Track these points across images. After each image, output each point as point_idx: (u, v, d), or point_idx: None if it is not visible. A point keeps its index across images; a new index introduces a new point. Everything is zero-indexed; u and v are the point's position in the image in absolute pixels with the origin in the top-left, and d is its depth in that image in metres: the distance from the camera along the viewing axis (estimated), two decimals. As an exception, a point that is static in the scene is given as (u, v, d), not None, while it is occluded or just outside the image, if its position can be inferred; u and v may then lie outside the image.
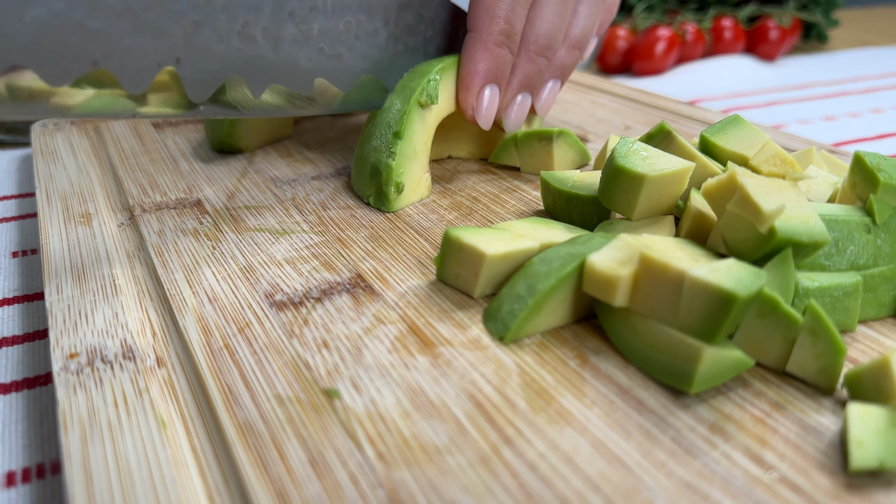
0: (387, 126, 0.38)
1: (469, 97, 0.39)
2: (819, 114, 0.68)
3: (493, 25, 0.39)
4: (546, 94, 0.43)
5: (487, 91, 0.40)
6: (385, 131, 0.38)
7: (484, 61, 0.39)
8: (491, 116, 0.40)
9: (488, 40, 0.39)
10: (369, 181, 0.38)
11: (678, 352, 0.24)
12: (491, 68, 0.39)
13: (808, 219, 0.26)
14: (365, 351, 0.26)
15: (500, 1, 0.39)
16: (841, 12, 1.25)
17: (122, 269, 0.32)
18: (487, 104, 0.40)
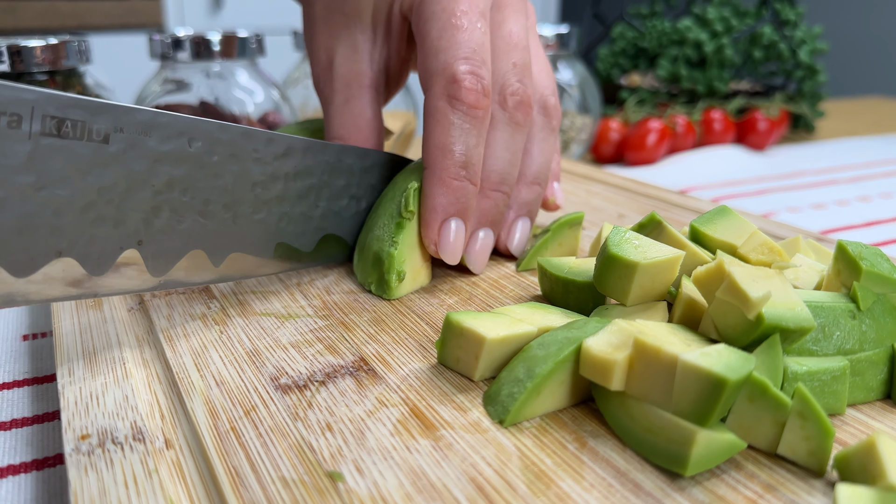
0: (389, 216, 0.39)
1: (430, 233, 0.39)
2: (808, 202, 0.71)
3: (448, 159, 0.38)
4: (518, 234, 0.43)
5: (452, 225, 0.39)
6: (388, 221, 0.39)
7: (442, 195, 0.38)
8: (456, 251, 0.39)
9: (444, 175, 0.38)
10: (371, 269, 0.39)
11: (673, 435, 0.25)
12: (451, 201, 0.39)
13: (795, 305, 0.27)
14: (368, 434, 0.27)
15: (452, 136, 0.38)
16: (827, 103, 1.30)
17: (132, 353, 0.33)
18: (452, 239, 0.39)
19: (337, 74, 0.43)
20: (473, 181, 0.39)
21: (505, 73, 0.40)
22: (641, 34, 1.05)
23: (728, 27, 0.99)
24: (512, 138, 0.41)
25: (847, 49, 2.20)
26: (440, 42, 0.38)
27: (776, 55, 1.01)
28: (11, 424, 0.32)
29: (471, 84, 0.38)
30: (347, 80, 0.43)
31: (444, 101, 0.38)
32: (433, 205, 0.39)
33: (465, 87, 0.38)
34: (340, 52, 0.43)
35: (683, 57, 0.98)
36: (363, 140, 0.43)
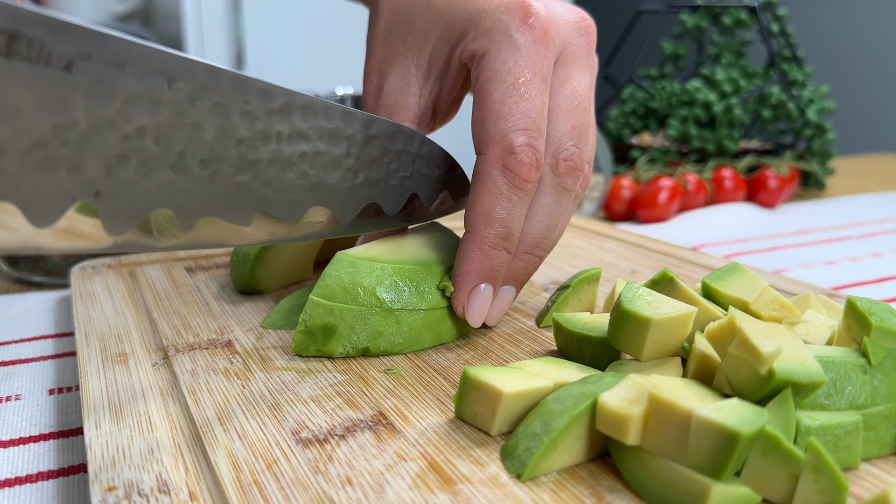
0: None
1: (461, 297, 0.39)
2: (820, 258, 0.71)
3: (491, 229, 0.38)
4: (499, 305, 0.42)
5: (482, 290, 0.39)
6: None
7: (479, 262, 0.39)
8: (482, 316, 0.40)
9: (484, 243, 0.38)
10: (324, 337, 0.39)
11: (688, 489, 0.26)
12: (486, 269, 0.39)
13: (805, 360, 0.28)
14: (387, 487, 0.28)
15: (499, 206, 0.38)
16: (837, 161, 1.31)
17: (156, 407, 0.34)
18: (480, 304, 0.39)
19: (384, 102, 0.43)
20: (511, 251, 0.39)
21: (562, 136, 0.40)
22: (651, 95, 1.07)
23: (736, 88, 1.01)
24: (557, 203, 0.40)
25: (855, 107, 2.23)
26: (502, 107, 0.38)
27: (785, 115, 1.03)
28: (38, 477, 0.33)
29: (526, 157, 0.37)
30: (393, 110, 0.42)
31: (497, 169, 0.37)
32: (468, 270, 0.39)
33: (521, 161, 0.37)
34: (391, 81, 0.43)
35: (693, 117, 1.00)
36: None
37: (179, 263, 0.56)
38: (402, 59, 0.43)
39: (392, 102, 0.42)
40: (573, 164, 0.40)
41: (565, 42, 0.40)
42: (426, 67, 0.42)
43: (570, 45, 0.41)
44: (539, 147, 0.38)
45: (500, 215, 0.38)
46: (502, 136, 0.37)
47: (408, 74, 0.42)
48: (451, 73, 0.42)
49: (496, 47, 0.38)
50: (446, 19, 0.41)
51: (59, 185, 0.25)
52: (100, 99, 0.25)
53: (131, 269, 0.54)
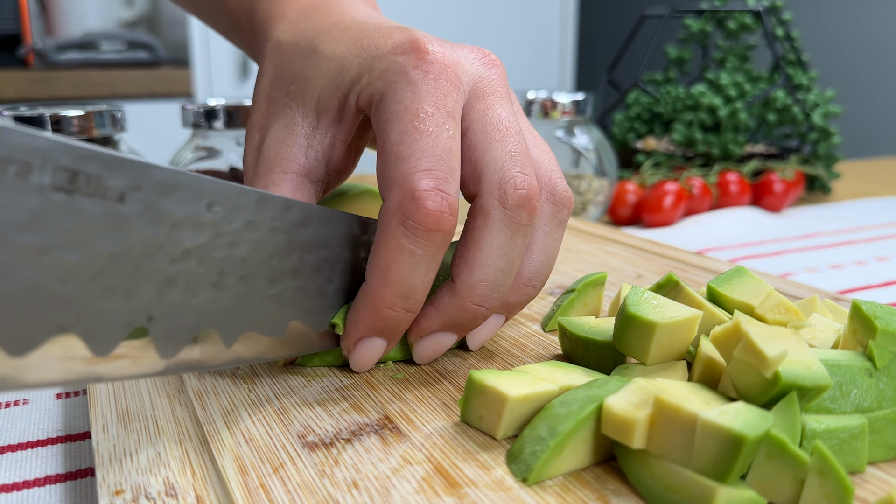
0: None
1: (347, 343, 0.36)
2: (826, 262, 0.71)
3: (386, 287, 0.34)
4: (484, 331, 0.39)
5: (373, 343, 0.36)
6: None
7: (369, 318, 0.35)
8: (367, 366, 0.37)
9: (377, 301, 0.34)
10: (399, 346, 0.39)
11: (694, 492, 0.26)
12: (378, 326, 0.35)
13: (811, 364, 0.28)
14: (393, 491, 0.28)
15: (397, 263, 0.33)
16: (842, 165, 1.31)
17: (163, 411, 0.34)
18: (365, 354, 0.36)
19: (264, 155, 0.38)
20: (413, 309, 0.35)
21: (502, 165, 0.35)
22: (656, 100, 1.07)
23: (741, 92, 1.01)
24: (511, 242, 0.35)
25: (861, 111, 2.23)
26: (400, 148, 0.33)
27: (790, 119, 1.03)
28: (46, 481, 0.33)
29: (432, 204, 0.32)
30: (272, 163, 0.38)
31: (396, 219, 0.32)
32: (357, 321, 0.35)
33: (425, 209, 0.32)
34: (273, 133, 0.39)
35: (698, 121, 1.00)
36: None
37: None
38: (285, 109, 0.39)
39: (273, 154, 0.38)
40: (525, 194, 0.34)
41: (474, 77, 0.37)
42: (314, 116, 0.38)
43: (481, 78, 0.37)
44: (449, 189, 0.33)
45: (398, 273, 0.33)
46: (402, 179, 0.33)
47: (292, 124, 0.39)
48: (347, 119, 0.38)
49: (392, 88, 0.35)
50: (335, 65, 0.38)
51: (117, 312, 0.26)
52: (150, 226, 0.27)
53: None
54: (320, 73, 0.38)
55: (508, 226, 0.35)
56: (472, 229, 0.35)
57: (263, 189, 0.38)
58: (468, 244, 0.35)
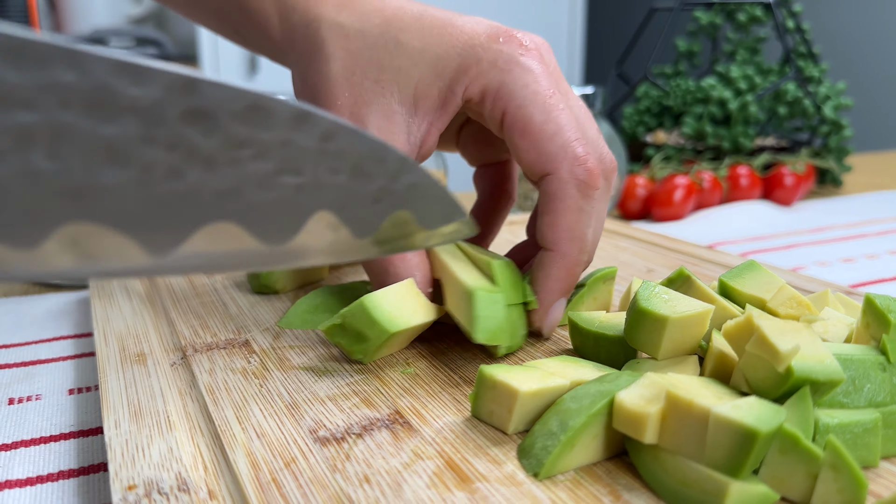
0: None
1: (543, 313, 0.40)
2: (837, 256, 0.71)
3: (576, 247, 0.39)
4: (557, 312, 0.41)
5: (560, 305, 0.40)
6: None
7: (564, 280, 0.39)
8: (554, 326, 0.41)
9: (570, 262, 0.39)
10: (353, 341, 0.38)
11: (706, 487, 0.26)
12: (569, 286, 0.40)
13: (824, 358, 0.28)
14: (404, 486, 0.28)
15: (581, 223, 0.38)
16: (854, 158, 1.30)
17: (175, 406, 0.34)
18: (556, 316, 0.40)
19: None
20: (588, 263, 0.40)
21: (595, 141, 0.40)
22: (666, 93, 1.06)
23: (752, 85, 1.01)
24: (605, 208, 0.41)
25: (873, 103, 2.21)
26: (549, 125, 0.38)
27: (801, 111, 1.02)
28: (59, 476, 0.33)
29: (593, 165, 0.38)
30: None
31: (572, 184, 0.38)
32: (554, 288, 0.39)
33: (590, 170, 0.38)
34: (374, 121, 0.40)
35: (708, 115, 0.99)
36: None
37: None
38: (378, 98, 0.40)
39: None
40: (613, 167, 0.40)
41: (549, 60, 0.41)
42: (411, 104, 0.40)
43: (551, 62, 0.41)
44: (593, 153, 0.39)
45: (582, 231, 0.39)
46: (565, 150, 0.38)
47: (390, 113, 0.40)
48: (448, 108, 0.41)
49: (510, 76, 0.39)
50: (430, 55, 0.40)
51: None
52: None
53: (149, 269, 0.54)
54: (414, 62, 0.40)
55: (606, 192, 0.40)
56: (555, 201, 0.39)
57: None
58: (558, 216, 0.39)
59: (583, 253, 0.39)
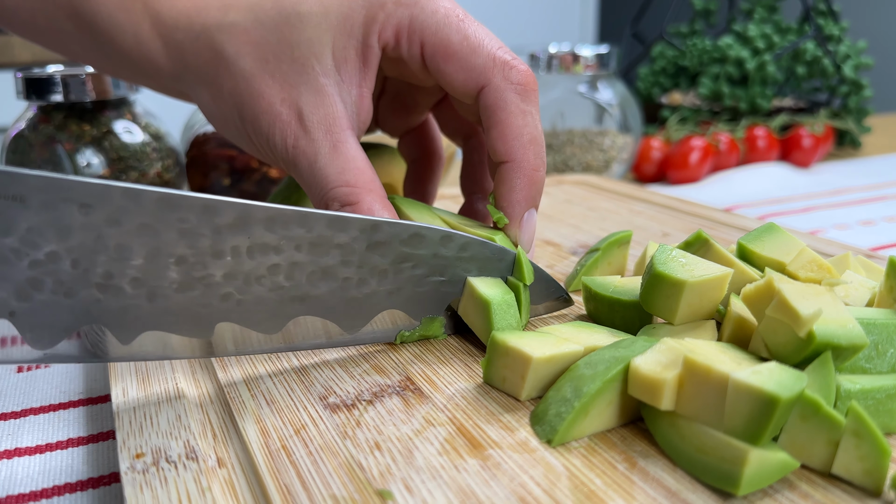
0: None
1: (515, 227, 0.39)
2: (856, 218, 0.69)
3: (531, 151, 0.38)
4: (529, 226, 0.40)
5: (533, 216, 0.39)
6: None
7: (527, 188, 0.38)
8: (532, 240, 0.39)
9: (528, 168, 0.38)
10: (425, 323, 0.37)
11: (724, 454, 0.25)
12: (533, 194, 0.39)
13: (846, 322, 0.27)
14: (416, 453, 0.27)
15: (529, 126, 0.38)
16: (873, 119, 1.28)
17: (183, 374, 0.34)
18: (531, 228, 0.39)
19: (312, 123, 0.37)
20: (544, 165, 0.39)
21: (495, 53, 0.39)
22: (682, 53, 1.04)
23: (770, 44, 0.98)
24: (533, 111, 0.39)
25: (893, 63, 2.17)
26: (468, 41, 0.38)
27: (820, 71, 1.00)
28: (68, 444, 0.33)
29: (524, 67, 0.38)
30: (327, 124, 0.38)
31: (511, 91, 0.38)
32: (519, 199, 0.38)
33: (523, 71, 0.38)
34: (307, 101, 0.38)
35: (725, 75, 0.97)
36: (369, 182, 0.37)
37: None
38: (303, 76, 0.38)
39: (321, 118, 0.38)
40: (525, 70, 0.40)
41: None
42: (334, 73, 0.38)
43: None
44: (519, 58, 0.39)
45: (532, 134, 0.38)
46: (493, 59, 0.38)
47: (319, 87, 0.38)
48: (370, 63, 0.39)
49: (417, 8, 0.38)
50: (335, 17, 0.38)
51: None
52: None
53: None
54: (322, 29, 0.38)
55: (525, 100, 0.39)
56: (497, 111, 0.38)
57: (332, 151, 0.37)
58: (505, 125, 0.38)
59: (538, 157, 0.38)
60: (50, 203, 0.27)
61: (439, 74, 0.39)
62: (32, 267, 0.27)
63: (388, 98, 0.46)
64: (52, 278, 0.28)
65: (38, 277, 0.28)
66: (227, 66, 0.38)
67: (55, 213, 0.27)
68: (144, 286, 0.29)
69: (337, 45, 0.38)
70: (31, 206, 0.26)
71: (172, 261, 0.30)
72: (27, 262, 0.27)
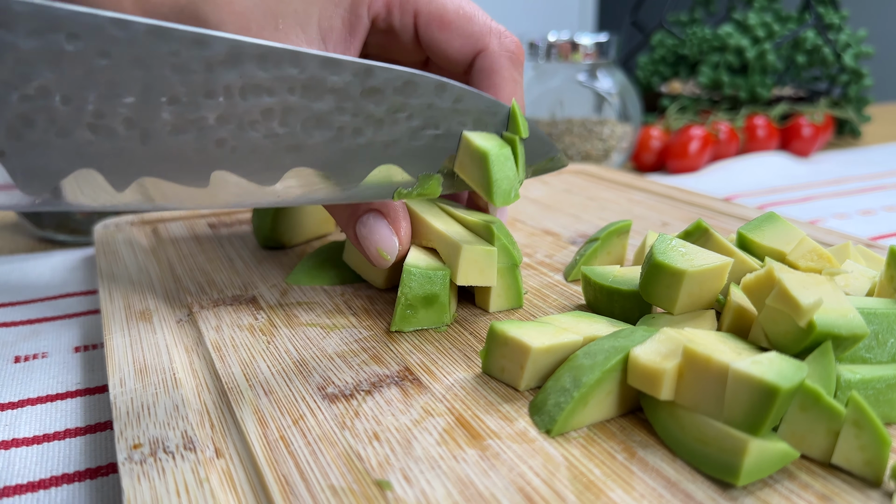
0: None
1: None
2: (856, 208, 0.69)
3: None
4: None
5: None
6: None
7: None
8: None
9: None
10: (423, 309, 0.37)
11: (724, 445, 0.25)
12: None
13: (847, 312, 0.27)
14: (414, 443, 0.27)
15: (518, 94, 0.40)
16: (873, 108, 1.27)
17: (181, 363, 0.34)
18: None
19: None
20: None
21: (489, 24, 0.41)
22: (681, 41, 1.04)
23: (770, 33, 0.98)
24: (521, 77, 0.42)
25: (893, 52, 2.16)
26: (464, 9, 0.39)
27: (820, 60, 1.00)
28: (65, 434, 0.33)
29: (516, 38, 0.40)
30: None
31: (505, 58, 0.39)
32: None
33: (517, 42, 0.40)
34: None
35: (725, 63, 0.97)
36: None
37: (202, 220, 0.55)
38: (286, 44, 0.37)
39: None
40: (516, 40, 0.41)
41: None
42: (319, 42, 0.38)
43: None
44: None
45: (520, 102, 0.39)
46: (489, 27, 0.40)
47: None
48: (358, 33, 0.39)
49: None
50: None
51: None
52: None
53: (154, 225, 0.54)
54: (308, 1, 0.38)
55: (517, 69, 0.40)
56: (492, 76, 0.39)
57: None
58: (498, 90, 0.39)
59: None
60: (37, 31, 0.25)
61: (433, 44, 0.40)
62: (23, 101, 0.26)
63: None
64: (43, 116, 0.26)
65: (29, 114, 0.26)
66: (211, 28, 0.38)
67: (43, 42, 0.25)
68: (137, 127, 0.28)
69: (323, 14, 0.38)
70: (19, 34, 0.25)
71: (165, 100, 0.28)
72: (16, 96, 0.26)
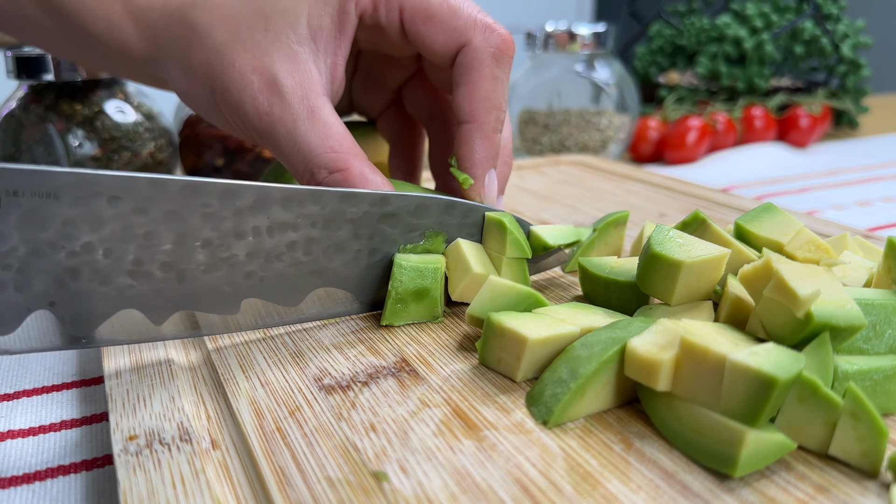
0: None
1: (479, 186, 0.40)
2: (853, 199, 0.69)
3: (492, 115, 0.39)
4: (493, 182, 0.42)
5: (492, 177, 0.40)
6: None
7: (486, 149, 0.39)
8: (495, 197, 0.41)
9: (487, 130, 0.39)
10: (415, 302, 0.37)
11: (721, 436, 0.25)
12: (491, 155, 0.40)
13: (844, 303, 0.27)
14: (411, 434, 0.27)
15: (497, 91, 0.39)
16: (871, 99, 1.27)
17: (177, 355, 0.34)
18: (493, 186, 0.40)
19: (287, 90, 0.37)
20: (501, 131, 0.41)
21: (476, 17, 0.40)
22: (679, 32, 1.03)
23: (768, 23, 0.98)
24: (504, 77, 0.41)
25: (891, 43, 2.16)
26: (448, 3, 0.39)
27: (818, 50, 0.99)
28: (61, 426, 0.33)
29: (506, 32, 0.39)
30: (303, 91, 0.37)
31: (488, 54, 0.39)
32: (482, 159, 0.39)
33: (504, 37, 0.39)
34: (281, 67, 0.37)
35: (723, 54, 0.97)
36: (353, 147, 0.37)
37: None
38: (274, 45, 0.38)
39: (296, 84, 0.37)
40: (506, 36, 0.40)
41: None
42: (310, 41, 0.38)
43: None
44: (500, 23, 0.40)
45: (498, 101, 0.39)
46: (474, 21, 0.39)
47: (293, 54, 0.38)
48: (347, 31, 0.39)
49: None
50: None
51: (12, 301, 0.28)
52: (34, 226, 0.28)
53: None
54: (297, 0, 0.38)
55: (500, 66, 0.40)
56: (471, 72, 0.39)
57: (311, 118, 0.37)
58: (476, 86, 0.39)
59: (499, 122, 0.40)
60: (81, 198, 0.28)
61: (419, 38, 0.39)
62: (69, 258, 0.29)
63: (361, 76, 0.46)
64: (87, 268, 0.29)
65: (75, 267, 0.29)
66: (199, 39, 0.38)
67: (86, 207, 0.28)
68: (173, 270, 0.31)
69: (312, 13, 0.38)
70: (64, 201, 0.28)
71: (198, 244, 0.31)
72: (63, 253, 0.29)
